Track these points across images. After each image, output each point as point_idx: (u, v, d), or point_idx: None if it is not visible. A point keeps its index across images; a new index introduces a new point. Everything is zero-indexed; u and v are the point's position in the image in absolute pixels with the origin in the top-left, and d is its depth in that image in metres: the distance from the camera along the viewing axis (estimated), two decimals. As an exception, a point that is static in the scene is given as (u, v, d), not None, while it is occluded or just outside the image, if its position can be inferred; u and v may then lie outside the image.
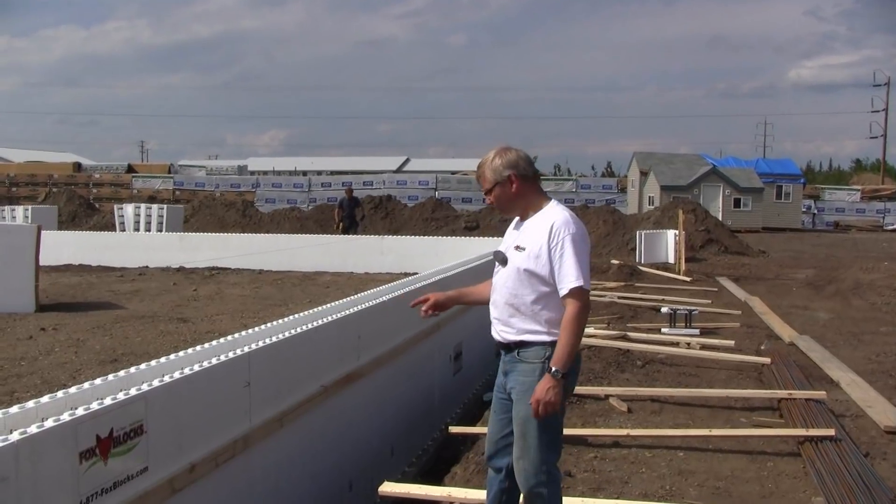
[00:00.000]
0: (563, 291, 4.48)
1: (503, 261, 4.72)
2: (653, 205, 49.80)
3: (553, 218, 4.56)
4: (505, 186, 4.65)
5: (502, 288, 4.68)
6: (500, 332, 4.69)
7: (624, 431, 7.56)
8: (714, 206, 50.51)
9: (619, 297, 17.63)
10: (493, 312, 4.75)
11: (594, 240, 34.21)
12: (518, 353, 4.61)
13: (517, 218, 4.84)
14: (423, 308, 4.95)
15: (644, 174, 56.13)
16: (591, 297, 4.68)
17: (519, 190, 4.66)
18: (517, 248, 4.64)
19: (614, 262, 25.24)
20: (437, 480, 6.63)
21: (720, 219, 40.96)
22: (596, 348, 11.55)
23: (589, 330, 12.63)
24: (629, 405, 8.73)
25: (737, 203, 53.54)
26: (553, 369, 4.41)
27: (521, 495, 4.63)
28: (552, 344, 4.51)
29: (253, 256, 23.61)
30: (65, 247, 24.10)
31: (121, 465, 4.00)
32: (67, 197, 47.48)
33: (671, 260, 26.14)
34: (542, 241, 4.52)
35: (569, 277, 4.46)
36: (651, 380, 10.11)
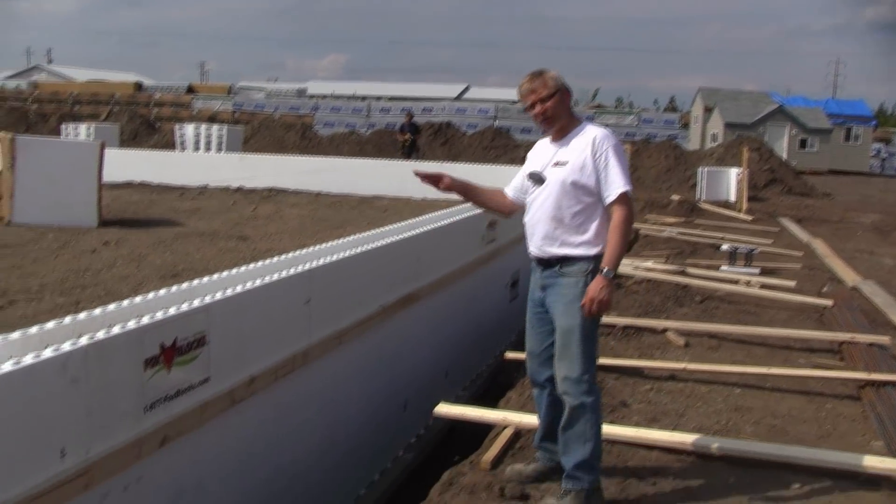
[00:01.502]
0: (611, 198, 4.67)
1: (540, 180, 4.86)
2: (716, 142, 49.08)
3: (594, 132, 4.77)
4: (562, 97, 4.82)
5: (544, 204, 4.83)
6: (542, 247, 4.81)
7: (681, 365, 7.53)
8: (779, 145, 49.63)
9: (679, 233, 17.47)
10: (535, 230, 4.88)
11: (654, 174, 33.87)
12: (560, 268, 4.75)
13: (545, 139, 5.02)
14: (427, 173, 5.01)
15: (708, 110, 55.26)
16: (650, 232, 4.75)
17: (567, 105, 4.86)
18: (557, 164, 4.80)
19: (674, 197, 24.98)
20: (492, 404, 6.67)
21: (785, 158, 40.24)
22: (654, 282, 11.48)
23: (647, 263, 12.55)
24: (686, 340, 8.69)
25: (803, 143, 52.55)
26: (605, 269, 4.60)
27: (566, 408, 4.69)
28: (594, 258, 4.69)
29: (311, 179, 23.69)
30: (126, 165, 24.31)
31: (183, 374, 4.08)
32: (129, 116, 47.89)
33: (732, 198, 25.80)
34: (587, 153, 4.71)
35: (616, 184, 4.66)
36: (709, 316, 10.04)
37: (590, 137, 4.74)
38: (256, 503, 4.87)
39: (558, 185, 4.74)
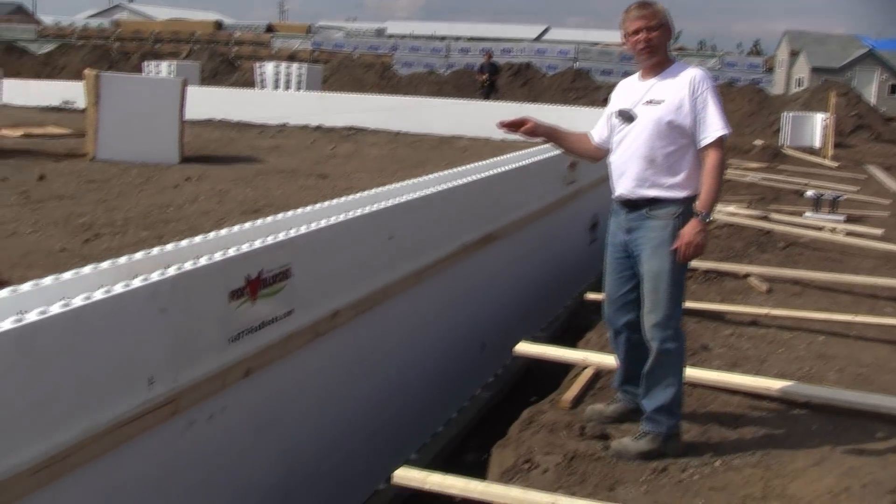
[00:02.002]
0: (707, 140, 4.51)
1: (629, 118, 4.69)
2: (801, 86, 47.88)
3: (693, 71, 4.60)
4: (665, 32, 4.66)
5: (634, 143, 4.65)
6: (630, 188, 4.66)
7: (763, 311, 7.39)
8: (868, 90, 48.22)
9: (762, 179, 17.12)
10: (623, 170, 4.71)
11: (737, 119, 33.18)
12: (648, 210, 4.62)
13: (632, 77, 4.86)
14: (510, 122, 4.90)
15: (794, 54, 53.89)
16: (732, 177, 4.65)
17: (667, 41, 4.71)
18: (650, 102, 4.62)
19: (757, 142, 24.45)
20: (570, 346, 6.64)
21: (873, 104, 39.13)
22: (736, 227, 11.28)
23: (729, 208, 12.33)
24: (769, 285, 8.52)
25: (893, 89, 51.01)
26: (701, 213, 4.48)
27: (650, 354, 4.63)
28: (684, 201, 4.56)
29: (391, 118, 23.66)
30: (206, 102, 24.46)
31: (268, 306, 4.11)
32: (209, 55, 48.20)
33: (817, 144, 25.16)
34: (684, 93, 4.53)
35: (714, 126, 4.50)
36: (792, 262, 9.83)
37: (688, 77, 4.56)
38: (334, 437, 4.94)
39: (652, 124, 4.58)
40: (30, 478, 2.88)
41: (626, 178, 4.68)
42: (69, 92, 26.68)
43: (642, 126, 4.62)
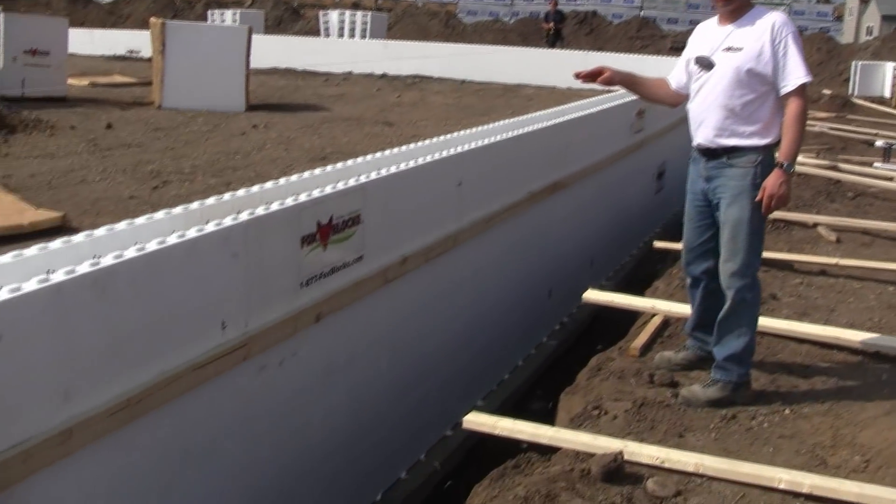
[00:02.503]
0: (788, 88, 4.36)
1: (708, 65, 4.53)
2: (871, 35, 46.57)
3: (773, 17, 4.43)
4: None
5: (713, 91, 4.51)
6: (709, 137, 4.53)
7: (832, 260, 7.22)
8: (940, 38, 46.78)
9: (830, 128, 16.71)
10: (702, 119, 4.58)
11: (805, 68, 32.39)
12: (727, 158, 4.49)
13: (709, 22, 4.70)
14: (587, 72, 4.79)
15: (864, 2, 52.39)
16: None
17: None
18: (729, 49, 4.46)
19: (826, 92, 23.87)
20: (637, 294, 6.55)
21: (946, 52, 37.92)
22: (805, 176, 11.02)
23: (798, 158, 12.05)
24: (838, 235, 8.33)
25: (967, 36, 49.45)
26: (784, 164, 4.35)
27: (726, 302, 4.55)
28: (764, 149, 4.44)
29: (455, 67, 23.50)
30: (271, 51, 24.49)
31: (338, 252, 4.09)
32: (273, 3, 48.15)
33: (888, 94, 24.51)
34: (765, 39, 4.37)
35: (795, 73, 4.35)
36: (861, 212, 9.59)
37: (769, 22, 4.39)
38: (403, 383, 4.94)
39: (731, 71, 4.42)
40: (106, 419, 2.89)
41: (705, 126, 4.55)
42: (134, 41, 26.94)
43: (721, 74, 4.47)
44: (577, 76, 4.80)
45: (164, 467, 3.26)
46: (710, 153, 4.55)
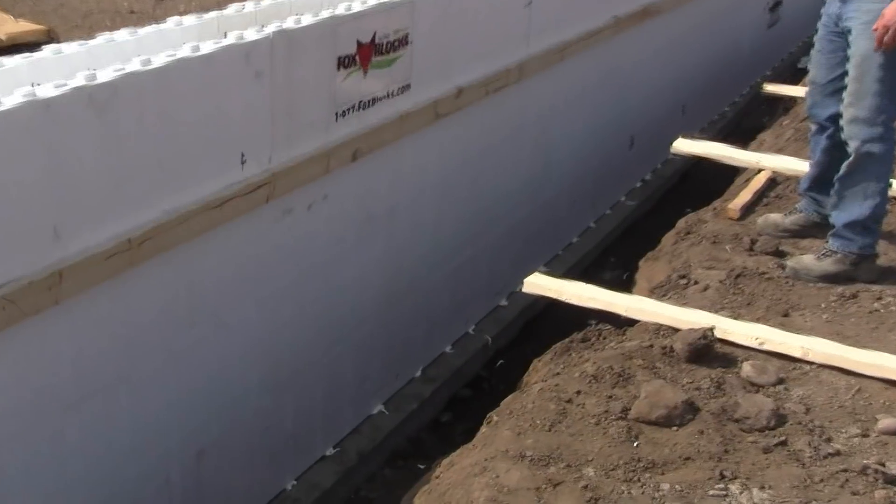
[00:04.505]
0: None
1: None
2: None
3: None
4: None
5: None
6: None
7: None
8: None
9: None
10: None
11: None
12: None
13: None
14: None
15: None
16: None
17: None
18: None
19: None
20: (740, 145, 6.42)
21: None
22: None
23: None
24: None
25: None
26: None
27: (850, 154, 4.42)
28: None
29: None
30: None
31: (381, 78, 4.03)
32: None
33: None
34: None
35: None
36: None
37: None
38: (452, 238, 4.96)
39: None
40: (102, 263, 2.91)
41: None
42: None
43: None
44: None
45: (168, 323, 3.30)
46: None
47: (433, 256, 4.82)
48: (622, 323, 4.08)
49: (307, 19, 3.61)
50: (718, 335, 3.66)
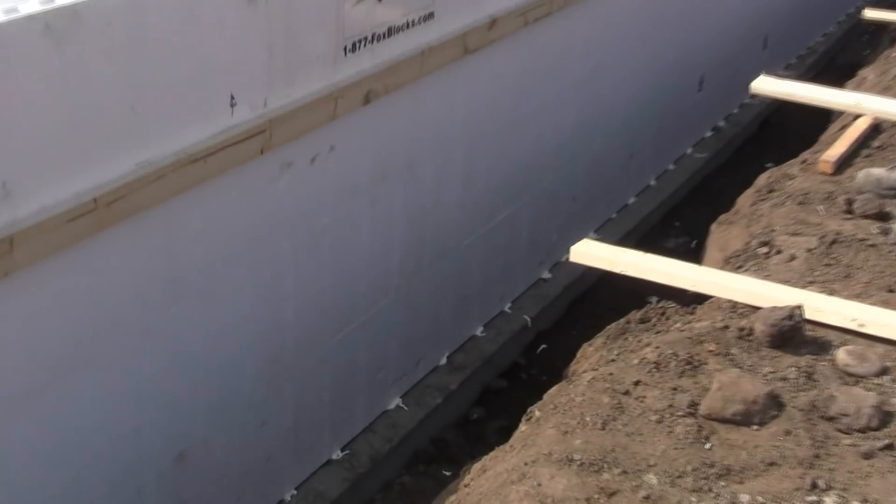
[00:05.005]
0: None
1: None
2: None
3: None
4: None
5: None
6: None
7: None
8: None
9: None
10: None
11: None
12: None
13: None
14: None
15: None
16: None
17: None
18: None
19: None
20: (835, 85, 6.35)
21: None
22: None
23: None
24: None
25: None
26: None
27: None
28: None
29: None
30: None
31: (399, 4, 4.00)
32: None
33: None
34: None
35: None
36: None
37: None
38: (485, 201, 4.96)
39: None
40: (63, 227, 2.90)
41: None
42: None
43: None
44: None
45: (143, 298, 3.29)
46: None
47: (462, 220, 4.81)
48: (689, 300, 4.05)
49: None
50: (807, 315, 3.62)
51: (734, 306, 3.81)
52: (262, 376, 3.85)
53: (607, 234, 5.89)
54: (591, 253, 4.25)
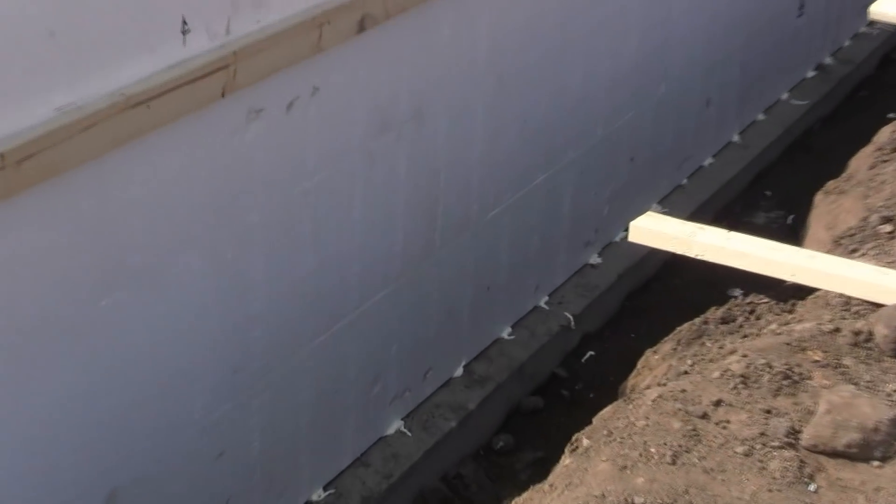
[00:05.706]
0: None
1: None
2: None
3: None
4: None
5: None
6: None
7: None
8: None
9: None
10: None
11: None
12: None
13: None
14: None
15: None
16: None
17: None
18: None
19: None
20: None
21: None
22: None
23: None
24: None
25: None
26: None
27: None
28: None
29: None
30: None
31: None
32: None
33: None
34: None
35: None
36: None
37: None
38: (516, 159, 4.96)
39: None
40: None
41: None
42: None
43: None
44: None
45: (65, 284, 3.27)
46: None
47: (485, 185, 4.80)
48: (787, 293, 4.04)
49: None
50: (946, 315, 3.62)
51: (847, 302, 3.80)
52: (221, 390, 3.83)
53: (677, 205, 5.89)
54: (655, 231, 4.24)
